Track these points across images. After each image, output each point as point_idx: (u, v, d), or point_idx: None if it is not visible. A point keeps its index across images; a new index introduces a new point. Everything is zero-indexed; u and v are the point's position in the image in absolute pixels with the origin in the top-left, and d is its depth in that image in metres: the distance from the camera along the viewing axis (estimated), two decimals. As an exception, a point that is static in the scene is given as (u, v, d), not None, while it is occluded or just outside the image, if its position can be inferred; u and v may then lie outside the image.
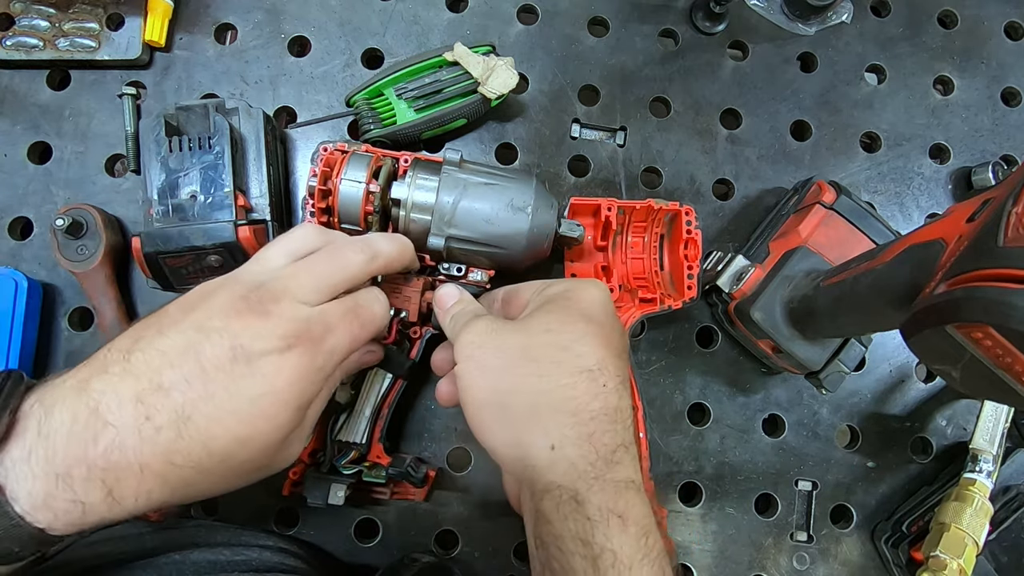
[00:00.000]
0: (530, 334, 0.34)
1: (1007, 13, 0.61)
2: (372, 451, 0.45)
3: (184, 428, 0.28)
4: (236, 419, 0.29)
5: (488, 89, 0.50)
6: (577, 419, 0.32)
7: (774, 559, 0.53)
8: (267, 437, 0.30)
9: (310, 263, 0.35)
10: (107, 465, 0.27)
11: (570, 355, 0.33)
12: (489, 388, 0.34)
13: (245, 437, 0.30)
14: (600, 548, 0.30)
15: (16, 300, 0.47)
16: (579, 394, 0.32)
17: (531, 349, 0.33)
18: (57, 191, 0.52)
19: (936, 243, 0.32)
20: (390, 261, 0.38)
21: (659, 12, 0.59)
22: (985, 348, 0.26)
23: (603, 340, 0.34)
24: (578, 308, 0.35)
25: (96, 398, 0.28)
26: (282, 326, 0.31)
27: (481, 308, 0.40)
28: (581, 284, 0.37)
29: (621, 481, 0.31)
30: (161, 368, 0.29)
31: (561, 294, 0.37)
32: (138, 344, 0.30)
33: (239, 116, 0.49)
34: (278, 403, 0.30)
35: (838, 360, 0.48)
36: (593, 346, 0.33)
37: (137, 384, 0.28)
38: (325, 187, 0.44)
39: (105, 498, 0.27)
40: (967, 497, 0.47)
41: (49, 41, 0.52)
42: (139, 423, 0.28)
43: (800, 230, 0.49)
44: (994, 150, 0.59)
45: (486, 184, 0.44)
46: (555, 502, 0.31)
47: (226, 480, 0.31)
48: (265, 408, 0.30)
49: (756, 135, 0.58)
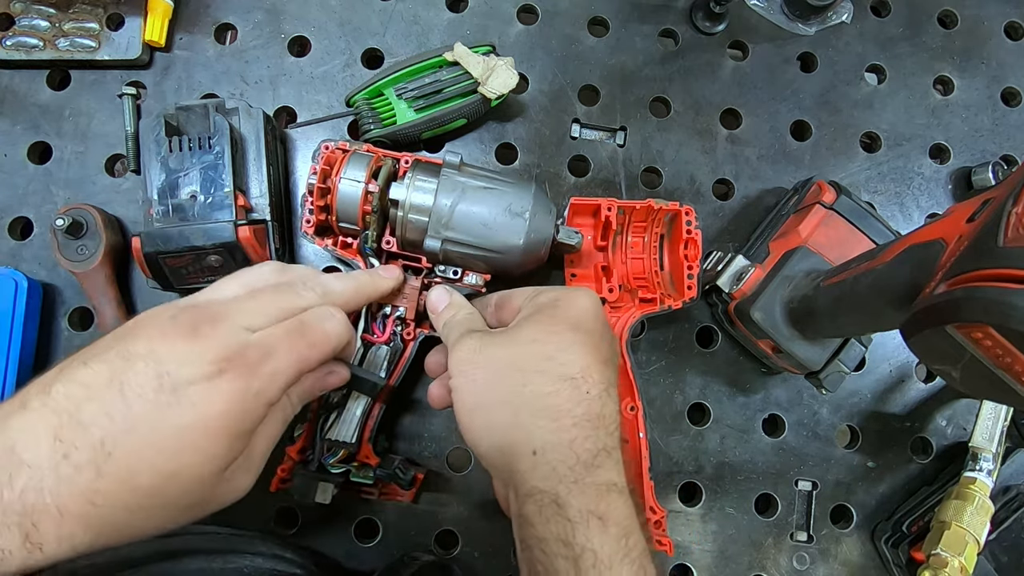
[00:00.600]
0: (517, 344, 0.35)
1: (1007, 13, 0.61)
2: (362, 451, 0.45)
3: (105, 466, 0.26)
4: (160, 453, 0.27)
5: (488, 89, 0.50)
6: (559, 425, 0.33)
7: (774, 559, 0.53)
8: (198, 470, 0.28)
9: (259, 291, 0.34)
10: (23, 508, 0.25)
11: (554, 364, 0.34)
12: (478, 398, 0.35)
13: (171, 472, 0.28)
14: (581, 548, 0.30)
15: (16, 300, 0.47)
16: (561, 401, 0.33)
17: (517, 359, 0.34)
18: (57, 191, 0.52)
19: (936, 243, 0.32)
20: (344, 302, 0.37)
21: (659, 12, 0.59)
22: (985, 348, 0.26)
23: (589, 348, 0.35)
24: (565, 317, 0.36)
25: (13, 436, 0.26)
26: (213, 350, 0.29)
27: (474, 316, 0.40)
28: (570, 293, 0.38)
29: (602, 484, 0.32)
30: (81, 402, 0.27)
31: (550, 303, 0.37)
32: (60, 376, 0.28)
33: (239, 116, 0.49)
34: (208, 434, 0.28)
35: (838, 360, 0.48)
36: (578, 354, 0.34)
37: (56, 420, 0.27)
38: (324, 185, 0.44)
39: (23, 544, 0.25)
40: (968, 495, 0.47)
41: (49, 41, 0.52)
42: (56, 462, 0.26)
43: (800, 230, 0.49)
44: (994, 150, 0.59)
45: (484, 188, 0.44)
46: (538, 505, 0.32)
47: (160, 519, 0.29)
48: (195, 440, 0.28)
49: (756, 135, 0.58)
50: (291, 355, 0.32)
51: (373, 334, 0.45)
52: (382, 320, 0.45)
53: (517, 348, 0.35)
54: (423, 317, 0.45)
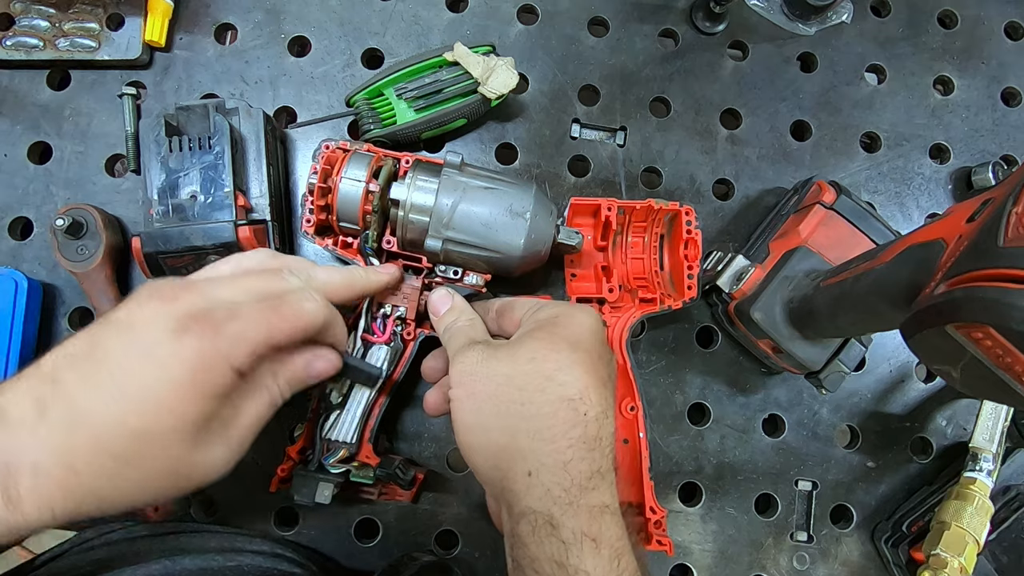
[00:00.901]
0: (516, 362, 0.35)
1: (1007, 13, 0.61)
2: (362, 451, 0.45)
3: (77, 423, 0.28)
4: (129, 411, 0.28)
5: (488, 89, 0.50)
6: (555, 447, 0.33)
7: (774, 559, 0.53)
8: (168, 430, 0.29)
9: (246, 270, 0.35)
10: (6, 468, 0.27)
11: (553, 384, 0.34)
12: (477, 416, 0.35)
13: (141, 429, 0.28)
14: (574, 569, 0.31)
15: (16, 300, 0.47)
16: (558, 423, 0.33)
17: (516, 377, 0.34)
18: (57, 191, 0.52)
19: (936, 243, 0.32)
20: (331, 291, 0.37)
21: (659, 12, 0.59)
22: (985, 348, 0.26)
23: (588, 368, 0.35)
24: (565, 336, 0.36)
25: (2, 401, 0.28)
26: (180, 310, 0.30)
27: (475, 323, 0.40)
28: (570, 311, 0.38)
29: (596, 506, 0.32)
30: (62, 368, 0.29)
31: (550, 320, 0.37)
32: (54, 349, 0.30)
33: (239, 116, 0.49)
34: (175, 391, 0.29)
35: (838, 360, 0.48)
36: (577, 375, 0.34)
37: (39, 384, 0.29)
38: (325, 185, 0.44)
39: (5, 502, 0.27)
40: (968, 496, 0.47)
41: (49, 41, 0.52)
42: (34, 421, 0.28)
43: (800, 230, 0.49)
44: (994, 150, 0.59)
45: (486, 188, 0.44)
46: (531, 526, 0.32)
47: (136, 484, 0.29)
48: (161, 396, 0.28)
49: (756, 135, 0.58)
50: (259, 321, 0.32)
51: (373, 334, 0.45)
52: (383, 320, 0.45)
53: (516, 365, 0.35)
54: (423, 317, 0.45)
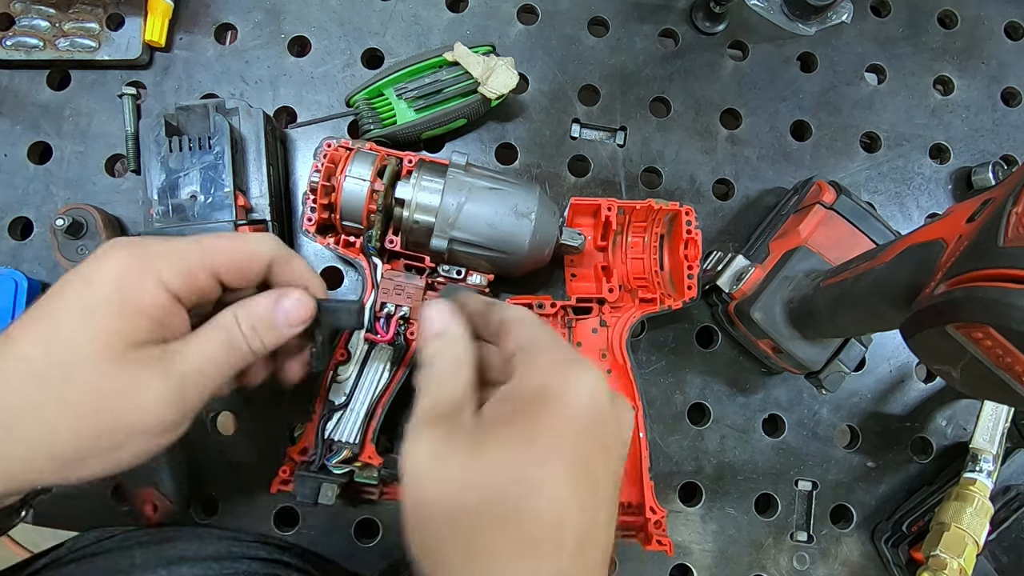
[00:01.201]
0: (478, 470, 0.27)
1: (1007, 13, 0.61)
2: (364, 451, 0.45)
3: (12, 369, 0.29)
4: (63, 328, 0.29)
5: (488, 89, 0.50)
6: None
7: (774, 559, 0.53)
8: (86, 343, 0.29)
9: None
10: None
11: (520, 516, 0.26)
12: (421, 533, 0.29)
13: (65, 350, 0.29)
14: None
15: (16, 300, 0.47)
16: (519, 570, 0.26)
17: (472, 493, 0.26)
18: (57, 191, 0.52)
19: (936, 243, 0.32)
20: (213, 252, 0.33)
21: (659, 12, 0.59)
22: (985, 348, 0.26)
23: (574, 475, 0.26)
24: (549, 428, 0.27)
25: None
26: (121, 240, 0.31)
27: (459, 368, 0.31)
28: (564, 381, 0.28)
29: None
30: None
31: (534, 398, 0.28)
32: None
33: (239, 116, 0.49)
34: (101, 302, 0.29)
35: (838, 360, 0.48)
36: (555, 492, 0.26)
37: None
38: (328, 183, 0.44)
39: None
40: (967, 497, 0.47)
41: (49, 41, 0.52)
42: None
43: (800, 230, 0.49)
44: (994, 150, 0.59)
45: (491, 189, 0.44)
46: None
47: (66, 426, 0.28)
48: (88, 307, 0.29)
49: (756, 135, 0.58)
50: (192, 240, 0.32)
51: (377, 334, 0.45)
52: (386, 320, 0.45)
53: (480, 472, 0.27)
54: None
